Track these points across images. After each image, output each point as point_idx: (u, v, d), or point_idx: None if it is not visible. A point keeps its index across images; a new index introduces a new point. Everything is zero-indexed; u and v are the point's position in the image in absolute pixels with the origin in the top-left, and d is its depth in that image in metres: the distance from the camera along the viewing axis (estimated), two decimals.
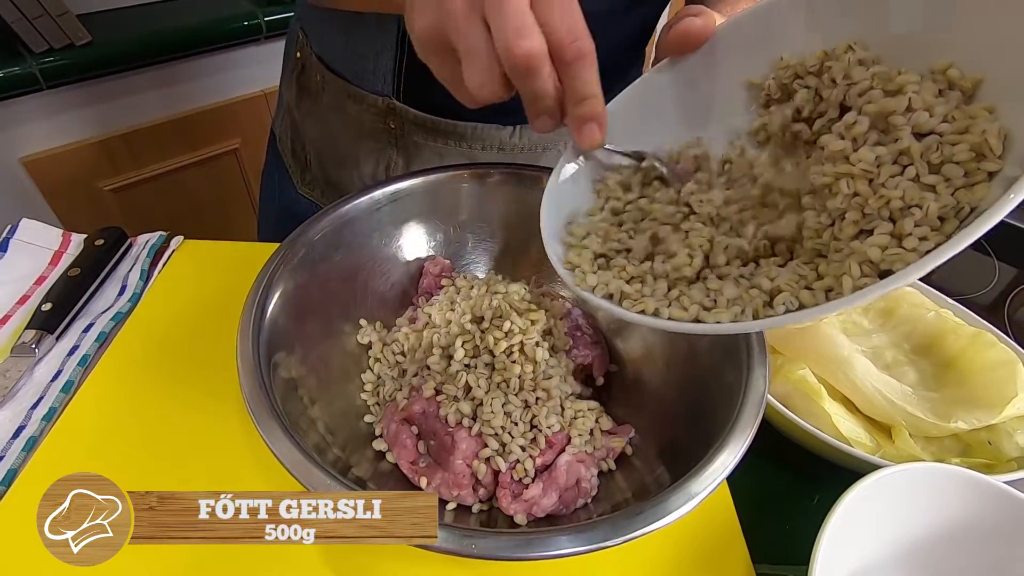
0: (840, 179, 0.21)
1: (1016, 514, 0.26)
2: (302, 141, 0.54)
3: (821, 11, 0.24)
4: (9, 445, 0.32)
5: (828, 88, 0.24)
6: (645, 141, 0.28)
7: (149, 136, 0.95)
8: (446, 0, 0.21)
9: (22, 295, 0.40)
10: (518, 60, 0.20)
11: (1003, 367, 0.30)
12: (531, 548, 0.19)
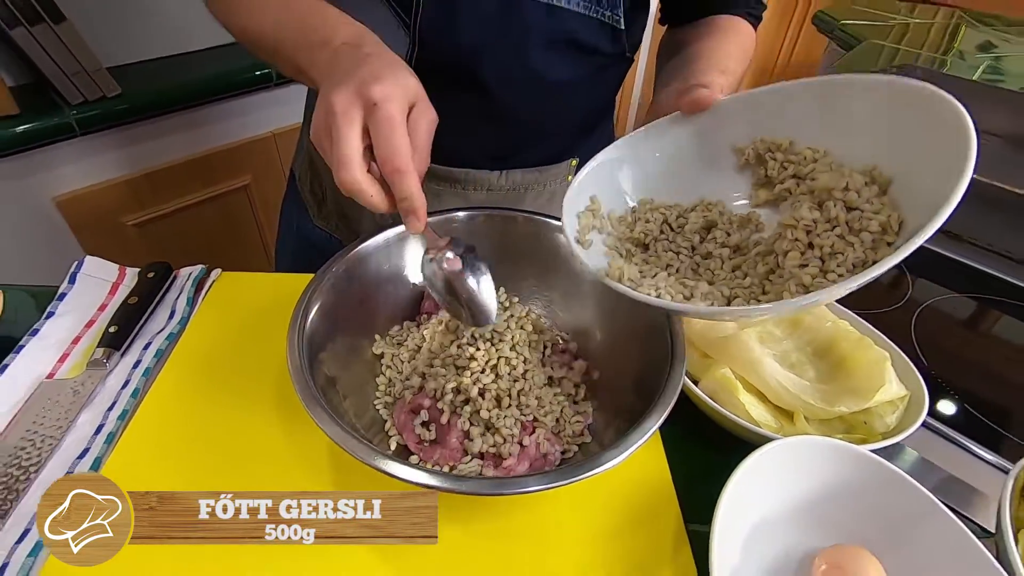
0: (787, 229, 0.31)
1: (877, 473, 0.34)
2: (320, 180, 0.63)
3: (795, 111, 0.34)
4: (93, 440, 0.39)
5: (791, 163, 0.34)
6: (646, 188, 0.38)
7: (169, 175, 1.04)
8: (316, 123, 0.30)
9: (88, 320, 0.48)
10: (343, 187, 0.29)
11: (876, 364, 0.38)
12: (504, 487, 0.27)
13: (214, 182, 1.11)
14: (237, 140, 1.12)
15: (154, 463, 0.37)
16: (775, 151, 0.35)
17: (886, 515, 0.33)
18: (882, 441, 0.35)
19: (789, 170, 0.34)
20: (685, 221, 0.36)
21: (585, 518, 0.35)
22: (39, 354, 0.45)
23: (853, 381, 0.38)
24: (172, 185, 1.06)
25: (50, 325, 0.47)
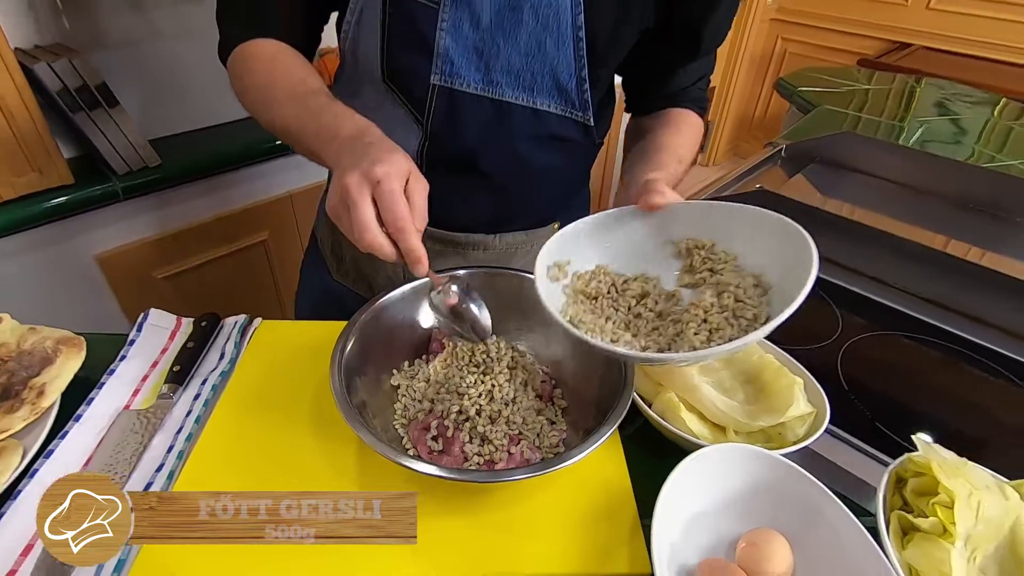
0: (693, 307, 0.43)
1: (786, 472, 0.43)
2: (339, 243, 0.74)
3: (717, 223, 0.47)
4: (166, 457, 0.49)
5: (709, 260, 0.45)
6: (593, 256, 0.49)
7: (196, 233, 1.16)
8: (332, 201, 0.41)
9: (153, 361, 0.58)
10: (363, 246, 0.39)
11: (789, 388, 0.48)
12: (498, 476, 0.37)
13: (236, 238, 1.23)
14: (257, 201, 1.24)
15: (217, 474, 0.47)
16: (700, 249, 0.47)
17: (792, 504, 0.43)
18: (791, 448, 0.45)
19: (707, 265, 0.46)
20: (627, 288, 0.48)
21: (559, 512, 0.44)
22: (117, 390, 0.54)
23: (771, 402, 0.49)
24: (199, 242, 1.17)
25: (124, 366, 0.57)
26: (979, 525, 0.40)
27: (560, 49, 0.55)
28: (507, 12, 0.53)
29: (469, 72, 0.56)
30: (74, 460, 0.48)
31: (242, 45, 0.55)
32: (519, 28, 0.54)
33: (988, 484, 0.42)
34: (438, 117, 0.57)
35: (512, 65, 0.55)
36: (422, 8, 0.54)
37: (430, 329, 0.54)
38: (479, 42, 0.55)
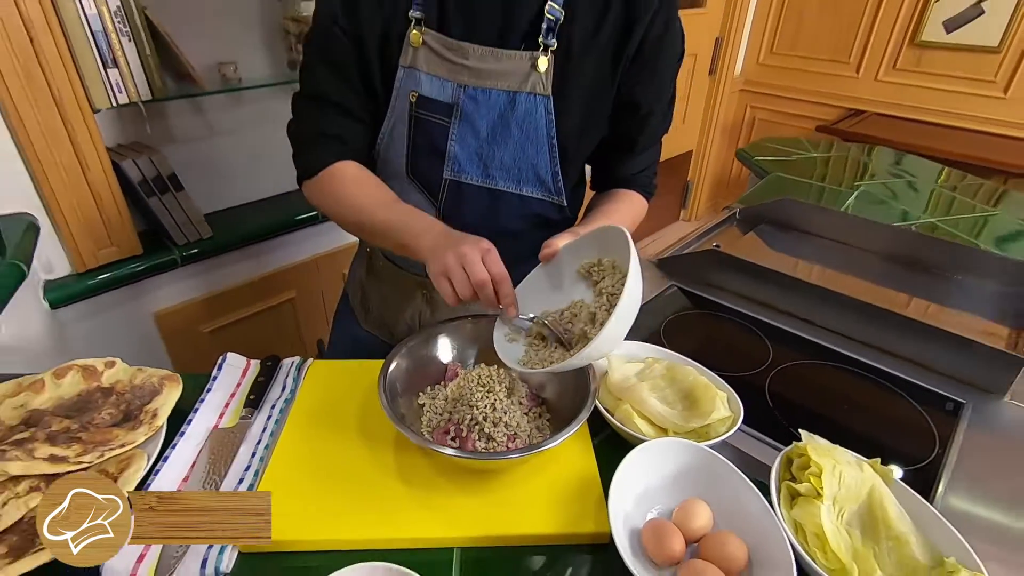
0: (583, 311, 0.60)
1: (709, 458, 0.60)
2: (368, 298, 0.93)
3: (594, 244, 0.64)
4: (251, 461, 0.65)
5: (599, 271, 0.63)
6: (536, 306, 0.67)
7: (236, 293, 1.35)
8: (441, 266, 0.60)
9: (232, 392, 0.75)
10: (471, 290, 0.58)
11: (712, 399, 0.65)
12: (498, 456, 0.53)
13: (268, 297, 1.42)
14: (286, 264, 1.44)
15: (291, 472, 0.63)
16: (593, 266, 0.64)
17: (712, 480, 0.59)
18: (712, 440, 0.62)
19: (601, 275, 0.63)
20: (563, 317, 0.65)
21: (545, 490, 0.60)
22: (207, 413, 0.71)
23: (699, 409, 0.66)
24: (238, 300, 1.36)
25: (210, 396, 0.74)
26: (841, 490, 0.57)
27: (539, 153, 0.75)
28: (499, 127, 0.74)
29: (472, 170, 0.76)
30: (182, 464, 0.65)
31: (328, 168, 0.75)
32: (508, 138, 0.74)
33: (849, 460, 0.59)
34: (449, 202, 0.77)
35: (504, 164, 0.76)
36: (438, 125, 0.74)
37: (448, 363, 0.72)
38: (479, 148, 0.75)
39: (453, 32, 0.70)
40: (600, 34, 0.70)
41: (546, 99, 0.72)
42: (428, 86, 0.72)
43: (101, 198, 1.07)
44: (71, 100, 0.98)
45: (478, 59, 0.70)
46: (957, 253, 1.10)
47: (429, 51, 0.71)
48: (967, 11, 2.45)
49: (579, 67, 0.71)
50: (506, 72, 0.71)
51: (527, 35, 0.70)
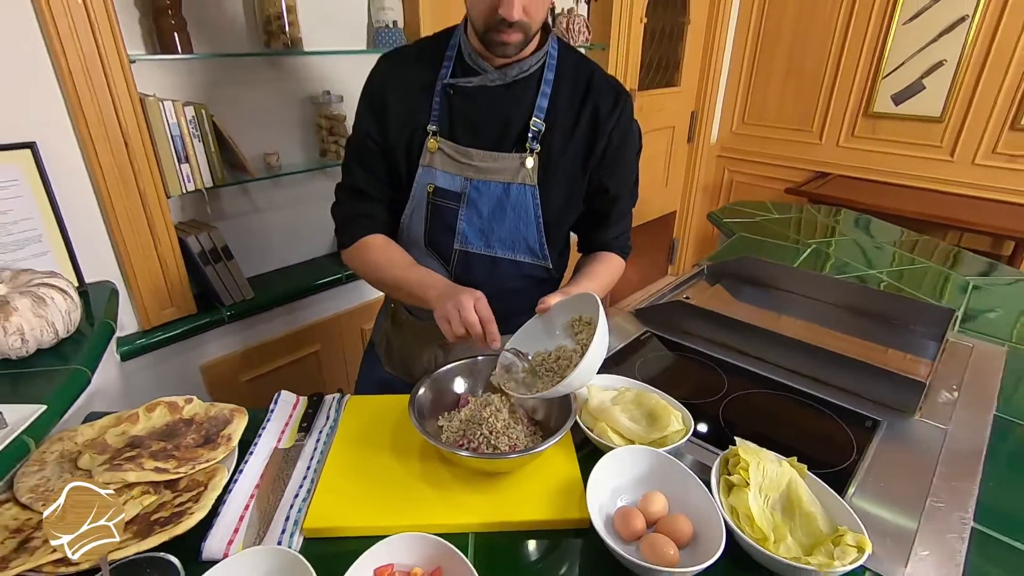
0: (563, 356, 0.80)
1: (666, 461, 0.77)
2: (391, 345, 1.12)
3: (578, 304, 0.85)
4: (307, 472, 0.82)
5: (581, 325, 0.83)
6: (531, 347, 0.86)
7: (271, 346, 1.54)
8: (443, 311, 0.81)
9: (286, 421, 0.93)
10: (463, 329, 0.79)
11: (668, 416, 0.84)
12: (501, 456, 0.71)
13: (298, 349, 1.61)
14: (314, 321, 1.64)
15: (338, 479, 0.80)
16: (576, 321, 0.84)
17: (668, 477, 0.76)
18: (668, 447, 0.80)
19: (581, 327, 0.83)
20: (550, 357, 0.84)
21: (539, 488, 0.77)
22: (268, 438, 0.89)
23: (659, 424, 0.84)
24: (272, 353, 1.55)
25: (269, 425, 0.92)
26: (765, 480, 0.74)
27: (529, 229, 0.97)
28: (498, 210, 0.96)
29: (476, 242, 0.97)
30: (254, 475, 0.82)
31: (362, 239, 0.97)
32: (504, 218, 0.96)
33: (771, 459, 0.76)
34: (458, 267, 0.98)
35: (501, 237, 0.97)
36: (449, 209, 0.96)
37: (461, 393, 0.90)
38: (482, 226, 0.97)
39: (461, 140, 0.93)
40: (573, 140, 0.94)
41: (533, 188, 0.94)
42: (442, 180, 0.95)
43: (167, 267, 1.28)
44: (151, 189, 1.21)
45: (480, 160, 0.93)
46: (883, 298, 1.30)
47: (443, 154, 0.94)
48: (911, 87, 2.77)
49: (557, 164, 0.94)
50: (502, 169, 0.93)
51: (517, 141, 0.93)
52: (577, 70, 0.95)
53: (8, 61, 1.01)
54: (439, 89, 0.92)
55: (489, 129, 0.93)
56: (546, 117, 0.92)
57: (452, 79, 0.92)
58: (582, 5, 2.25)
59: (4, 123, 1.03)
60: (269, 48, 1.38)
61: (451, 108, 0.92)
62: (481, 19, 0.83)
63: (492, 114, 0.92)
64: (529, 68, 0.91)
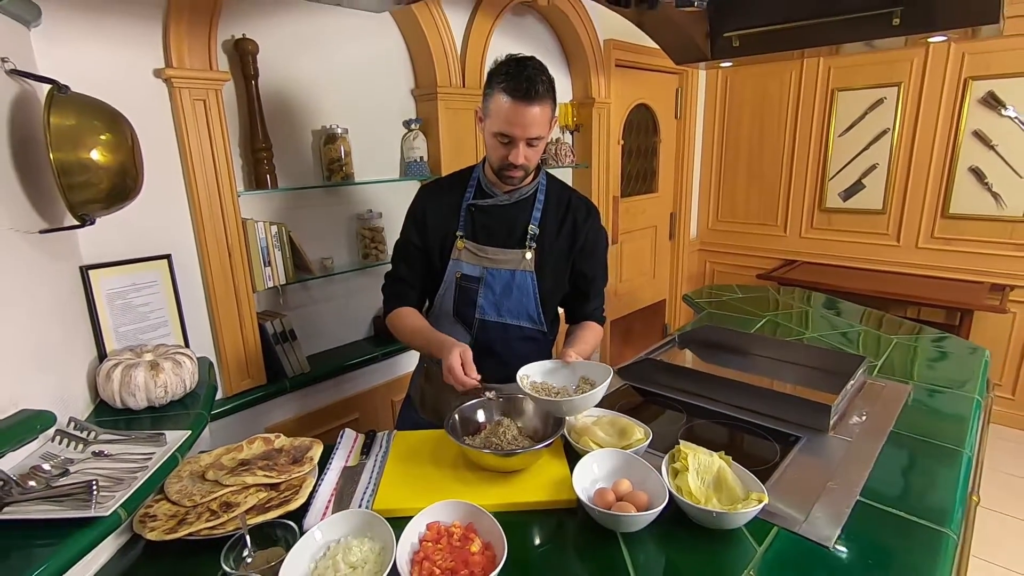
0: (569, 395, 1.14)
1: (631, 459, 1.07)
2: (425, 395, 1.45)
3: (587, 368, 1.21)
4: (369, 485, 1.12)
5: (586, 380, 1.18)
6: (543, 379, 1.21)
7: (320, 413, 1.85)
8: (449, 362, 1.16)
9: (349, 449, 1.24)
10: (456, 385, 1.15)
11: (633, 431, 1.15)
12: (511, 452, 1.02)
13: (342, 416, 1.92)
14: (354, 392, 1.96)
15: (393, 491, 1.10)
16: (583, 381, 1.19)
17: (632, 468, 1.06)
18: (632, 449, 1.10)
19: (586, 381, 1.18)
20: (553, 388, 1.17)
21: (540, 481, 1.07)
22: (339, 459, 1.20)
23: (626, 436, 1.15)
24: (321, 419, 1.86)
25: (339, 451, 1.22)
26: (700, 467, 1.04)
27: (529, 302, 1.34)
28: (506, 289, 1.33)
29: (491, 313, 1.34)
30: (330, 484, 1.12)
31: (398, 310, 1.34)
32: (512, 295, 1.33)
33: (704, 452, 1.06)
34: (478, 331, 1.34)
35: (510, 309, 1.34)
36: (472, 290, 1.34)
37: (481, 421, 1.22)
38: (496, 301, 1.34)
39: (479, 241, 1.33)
40: (558, 240, 1.34)
41: (532, 274, 1.32)
42: (467, 268, 1.33)
43: (248, 346, 1.64)
44: (243, 286, 1.60)
45: (494, 254, 1.32)
46: (812, 352, 1.63)
47: (467, 251, 1.33)
48: (854, 186, 3.25)
49: (549, 256, 1.33)
50: (509, 260, 1.32)
51: (519, 241, 1.33)
52: (560, 193, 1.37)
53: (159, 196, 1.45)
54: (464, 207, 1.33)
55: (500, 233, 1.33)
56: (539, 224, 1.33)
57: (474, 200, 1.33)
58: (567, 135, 2.78)
59: (152, 240, 1.45)
60: (330, 181, 1.84)
61: (473, 220, 1.33)
62: (497, 162, 1.25)
63: (502, 223, 1.33)
64: (527, 192, 1.33)
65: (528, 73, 1.12)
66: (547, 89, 1.15)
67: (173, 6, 1.39)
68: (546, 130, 1.20)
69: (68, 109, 1.04)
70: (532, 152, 1.22)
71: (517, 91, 1.12)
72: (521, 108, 1.13)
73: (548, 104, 1.17)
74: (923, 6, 1.51)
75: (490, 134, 1.21)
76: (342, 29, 1.83)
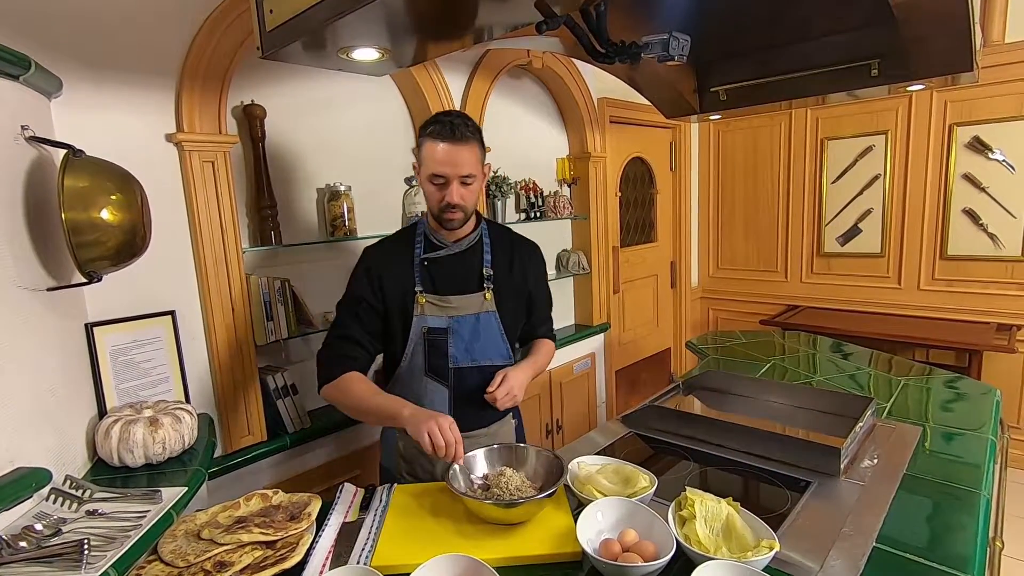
0: None
1: (637, 508, 1.04)
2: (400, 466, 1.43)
3: None
4: (368, 540, 1.09)
5: None
6: None
7: (321, 469, 1.82)
8: (425, 427, 1.15)
9: (349, 503, 1.21)
10: (440, 448, 1.14)
11: (638, 478, 1.12)
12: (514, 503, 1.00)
13: (342, 474, 1.88)
14: (355, 448, 1.93)
15: (394, 545, 1.07)
16: None
17: (638, 517, 1.02)
18: (638, 497, 1.07)
19: None
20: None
21: (543, 531, 1.04)
22: (338, 515, 1.17)
23: (631, 483, 1.12)
24: (322, 476, 1.82)
25: (338, 506, 1.20)
26: (708, 514, 1.01)
27: (496, 339, 1.37)
28: (474, 332, 1.36)
29: (464, 359, 1.36)
30: (329, 540, 1.09)
31: (340, 377, 1.33)
32: (479, 338, 1.36)
33: (712, 499, 1.03)
34: (455, 381, 1.36)
35: (481, 350, 1.36)
36: (441, 341, 1.35)
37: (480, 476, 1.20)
38: (466, 346, 1.36)
39: (440, 292, 1.37)
40: (512, 276, 1.41)
41: (494, 313, 1.37)
42: (432, 322, 1.36)
43: (249, 402, 1.63)
44: (245, 340, 1.61)
45: (456, 302, 1.36)
46: (818, 395, 1.60)
47: (430, 304, 1.36)
48: (851, 230, 3.29)
49: (507, 293, 1.39)
50: (471, 304, 1.36)
51: (477, 284, 1.38)
52: (503, 235, 1.46)
53: (165, 253, 1.48)
54: (418, 263, 1.37)
55: (458, 281, 1.38)
56: (492, 266, 1.39)
57: (426, 254, 1.37)
58: (565, 188, 2.86)
59: (156, 296, 1.47)
60: (333, 237, 1.89)
61: (430, 273, 1.37)
62: (435, 205, 1.29)
63: (458, 271, 1.38)
64: (475, 239, 1.39)
65: (452, 119, 1.25)
66: (472, 132, 1.26)
67: (187, 76, 1.47)
68: (477, 170, 1.28)
69: (82, 171, 1.08)
70: (466, 191, 1.28)
71: (443, 134, 1.23)
72: (449, 148, 1.23)
73: (475, 146, 1.27)
74: (899, 57, 1.59)
75: (426, 180, 1.29)
76: (345, 92, 1.93)
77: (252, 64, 1.66)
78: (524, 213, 2.62)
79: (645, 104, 2.01)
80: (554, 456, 1.17)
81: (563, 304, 2.95)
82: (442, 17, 0.95)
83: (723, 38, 1.66)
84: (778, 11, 1.49)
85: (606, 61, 1.07)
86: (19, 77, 1.07)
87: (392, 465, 1.46)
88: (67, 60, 1.32)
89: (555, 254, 2.88)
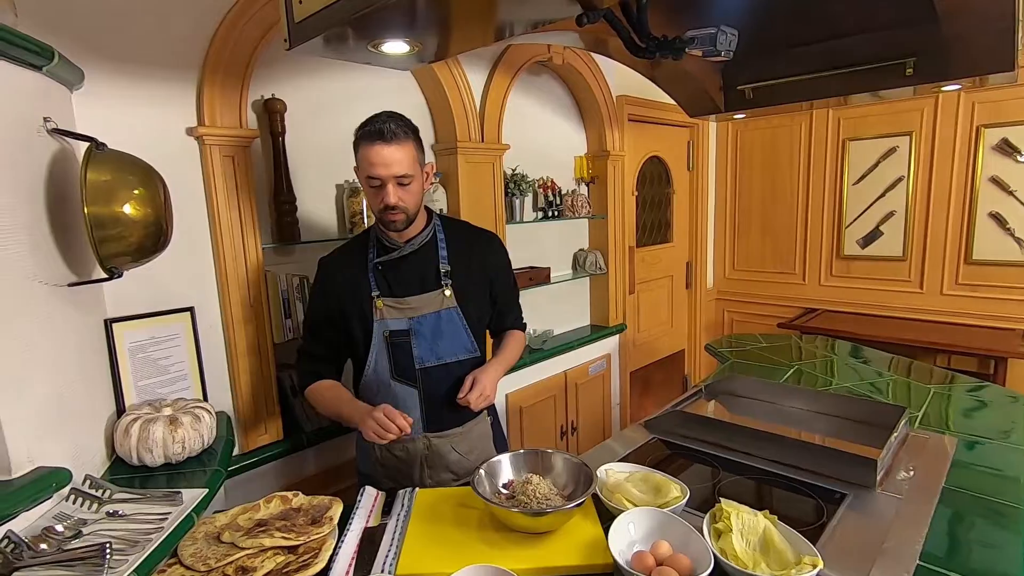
0: None
1: (669, 518, 1.01)
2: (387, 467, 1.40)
3: None
4: (391, 544, 1.06)
5: None
6: None
7: (339, 469, 1.79)
8: (365, 432, 1.19)
9: (371, 508, 1.18)
10: (390, 433, 1.16)
11: (669, 486, 1.09)
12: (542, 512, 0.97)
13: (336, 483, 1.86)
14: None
15: (418, 548, 1.04)
16: None
17: (671, 529, 0.99)
18: (670, 507, 1.04)
19: None
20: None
21: (572, 541, 1.01)
22: (358, 519, 1.14)
23: (662, 492, 1.09)
24: (340, 475, 1.80)
25: (360, 510, 1.17)
26: (744, 527, 0.97)
27: (461, 335, 1.35)
28: (437, 330, 1.34)
29: (430, 358, 1.34)
30: (351, 545, 1.06)
31: (315, 383, 1.35)
32: (443, 335, 1.34)
33: (748, 511, 1.00)
34: (424, 382, 1.34)
35: (447, 348, 1.34)
36: (404, 343, 1.33)
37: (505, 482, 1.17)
38: (431, 346, 1.34)
39: (397, 294, 1.34)
40: (472, 269, 1.38)
41: (456, 308, 1.35)
42: (393, 325, 1.34)
43: (267, 400, 1.61)
44: (264, 338, 1.59)
45: (415, 302, 1.34)
46: (848, 402, 1.56)
47: (388, 307, 1.34)
48: (872, 233, 3.23)
49: (468, 287, 1.37)
50: (430, 302, 1.34)
51: (434, 282, 1.35)
52: (458, 229, 1.43)
53: (185, 249, 1.46)
54: (371, 268, 1.35)
55: (414, 281, 1.36)
56: (449, 261, 1.36)
57: (378, 258, 1.35)
58: (583, 187, 2.82)
59: (175, 293, 1.45)
60: (352, 233, 1.86)
61: (384, 276, 1.35)
62: (376, 207, 1.27)
63: (412, 271, 1.36)
64: (424, 239, 1.35)
65: (380, 118, 1.22)
66: (403, 131, 1.23)
67: (208, 70, 1.45)
68: (413, 169, 1.25)
69: (104, 165, 1.06)
70: (405, 192, 1.25)
71: (372, 135, 1.21)
72: (379, 149, 1.20)
73: (409, 145, 1.24)
74: (936, 56, 1.54)
75: (364, 184, 1.27)
76: (366, 88, 1.90)
77: (273, 58, 1.63)
78: (541, 212, 2.59)
79: (664, 102, 1.98)
80: (582, 464, 1.14)
81: (579, 305, 2.92)
82: (477, 5, 0.92)
83: (756, 34, 1.62)
84: (815, 6, 1.45)
85: (647, 56, 1.03)
86: (42, 68, 1.05)
87: (369, 470, 1.45)
88: (89, 52, 1.30)
89: (571, 253, 2.85)
